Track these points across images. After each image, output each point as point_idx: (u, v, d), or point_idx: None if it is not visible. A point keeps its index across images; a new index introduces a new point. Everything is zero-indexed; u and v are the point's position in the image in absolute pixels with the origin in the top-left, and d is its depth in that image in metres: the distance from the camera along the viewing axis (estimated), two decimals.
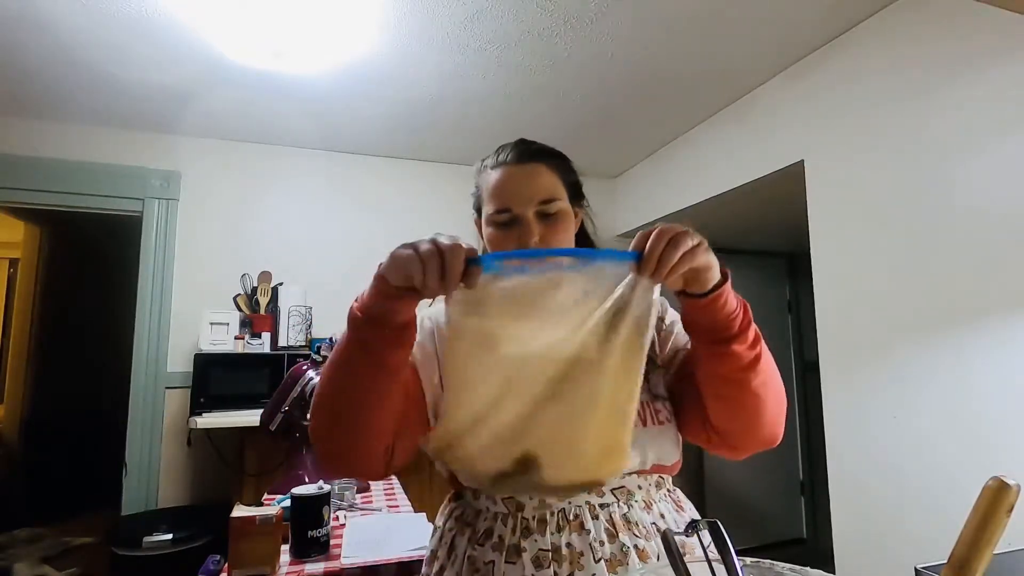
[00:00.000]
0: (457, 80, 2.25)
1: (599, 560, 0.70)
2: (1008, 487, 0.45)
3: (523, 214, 0.80)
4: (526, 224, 0.79)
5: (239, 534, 1.01)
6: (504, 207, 0.80)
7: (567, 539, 0.71)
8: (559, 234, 0.81)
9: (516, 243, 0.80)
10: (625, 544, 0.71)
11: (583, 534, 0.72)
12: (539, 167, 0.82)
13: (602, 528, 0.72)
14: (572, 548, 0.71)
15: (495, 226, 0.82)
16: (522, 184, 0.81)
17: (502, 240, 0.81)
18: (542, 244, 0.80)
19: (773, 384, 0.72)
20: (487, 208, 0.83)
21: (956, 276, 1.56)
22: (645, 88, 2.34)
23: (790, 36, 1.97)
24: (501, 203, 0.81)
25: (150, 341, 2.64)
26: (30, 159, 2.57)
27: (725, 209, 2.79)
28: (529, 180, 0.81)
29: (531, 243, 0.79)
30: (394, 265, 0.62)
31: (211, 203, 2.82)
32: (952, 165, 1.58)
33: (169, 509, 2.53)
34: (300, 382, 1.64)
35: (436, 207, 3.20)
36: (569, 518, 0.73)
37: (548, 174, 0.83)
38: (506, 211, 0.80)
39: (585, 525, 0.72)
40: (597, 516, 0.73)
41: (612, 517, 0.73)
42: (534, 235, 0.79)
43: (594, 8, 1.80)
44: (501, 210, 0.81)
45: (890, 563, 1.69)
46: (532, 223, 0.79)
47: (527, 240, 0.79)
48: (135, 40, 1.94)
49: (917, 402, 1.64)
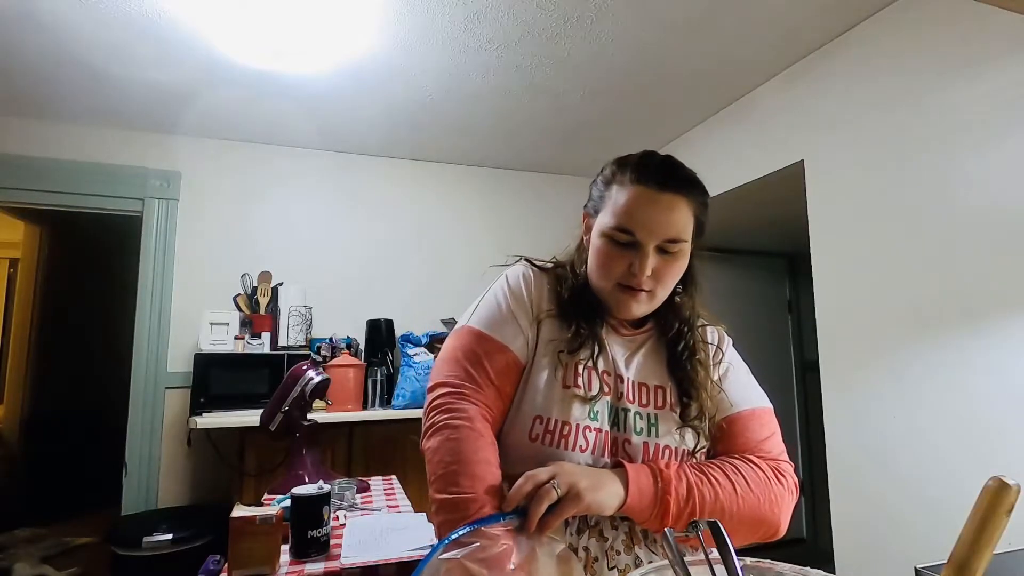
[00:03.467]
0: (457, 80, 2.25)
1: (612, 568, 0.72)
2: (1008, 487, 0.45)
3: (645, 244, 0.76)
4: (643, 255, 0.76)
5: (239, 534, 1.01)
6: (629, 229, 0.76)
7: (585, 543, 0.73)
8: (671, 274, 0.79)
9: (626, 269, 0.77)
10: (640, 557, 0.73)
11: (601, 541, 0.73)
12: (679, 201, 0.77)
13: (620, 538, 0.73)
14: (589, 552, 0.72)
15: (611, 242, 0.78)
16: (657, 214, 0.76)
17: (612, 259, 0.78)
18: (654, 278, 0.77)
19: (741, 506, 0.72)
20: (608, 220, 0.78)
21: (956, 276, 1.55)
22: (645, 88, 2.34)
23: (790, 36, 1.97)
24: (627, 223, 0.76)
25: (150, 341, 2.64)
26: (30, 159, 2.57)
27: (725, 209, 2.78)
28: (665, 214, 0.76)
29: (643, 276, 0.76)
30: None
31: (211, 203, 2.82)
32: (952, 165, 1.58)
33: (169, 509, 2.53)
34: (300, 382, 1.63)
35: (436, 207, 3.20)
36: (590, 523, 0.74)
37: (685, 211, 0.78)
38: (629, 233, 0.76)
39: (604, 533, 0.73)
40: (616, 527, 0.74)
41: (632, 529, 0.74)
42: (648, 269, 0.76)
43: (594, 8, 1.80)
44: (624, 229, 0.77)
45: (890, 563, 1.69)
46: (651, 256, 0.76)
47: (640, 273, 0.76)
48: (135, 40, 1.94)
49: (917, 402, 1.64)
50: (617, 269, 0.77)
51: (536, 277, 0.86)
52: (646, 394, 0.80)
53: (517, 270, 0.87)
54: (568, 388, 0.77)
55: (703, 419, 0.78)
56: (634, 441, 0.76)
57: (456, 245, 3.20)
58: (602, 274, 0.80)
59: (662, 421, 0.78)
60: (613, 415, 0.78)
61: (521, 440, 0.76)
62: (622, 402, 0.79)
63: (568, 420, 0.75)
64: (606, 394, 0.78)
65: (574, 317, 0.81)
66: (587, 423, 0.75)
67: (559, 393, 0.77)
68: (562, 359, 0.78)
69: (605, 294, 0.81)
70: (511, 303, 0.82)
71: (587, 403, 0.76)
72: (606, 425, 0.77)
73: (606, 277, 0.79)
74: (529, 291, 0.84)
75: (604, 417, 0.77)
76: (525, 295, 0.83)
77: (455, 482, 0.67)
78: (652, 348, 0.84)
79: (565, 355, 0.78)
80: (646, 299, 0.79)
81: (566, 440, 0.74)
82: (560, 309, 0.83)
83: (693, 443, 0.78)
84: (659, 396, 0.80)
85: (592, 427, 0.76)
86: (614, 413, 0.78)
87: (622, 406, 0.78)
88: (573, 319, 0.81)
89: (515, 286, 0.84)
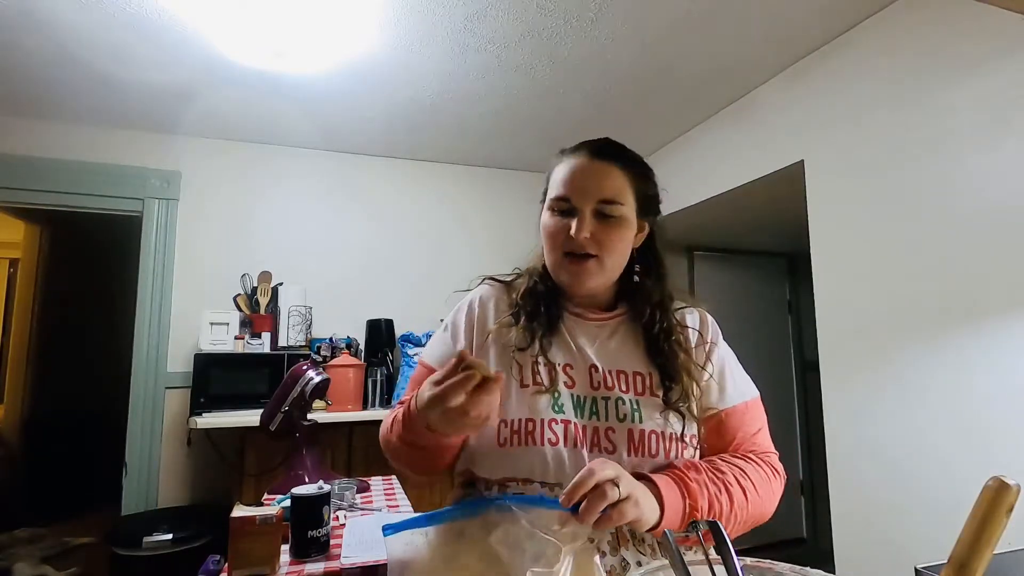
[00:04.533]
0: (457, 80, 2.25)
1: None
2: (1008, 487, 0.45)
3: (581, 207, 0.79)
4: (581, 218, 0.79)
5: (239, 534, 1.01)
6: (565, 195, 0.81)
7: None
8: (612, 239, 0.80)
9: (566, 234, 0.79)
10: (626, 559, 0.72)
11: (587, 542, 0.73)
12: (611, 168, 0.81)
13: (606, 539, 0.73)
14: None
15: (553, 214, 0.82)
16: (589, 178, 0.80)
17: (555, 227, 0.81)
18: (594, 243, 0.79)
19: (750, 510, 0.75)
20: (551, 193, 0.84)
21: (956, 276, 1.55)
22: (645, 88, 2.34)
23: (790, 36, 1.97)
24: (563, 191, 0.81)
25: (150, 341, 2.64)
26: (30, 159, 2.57)
27: (725, 209, 2.79)
28: (597, 176, 0.81)
29: (581, 237, 0.78)
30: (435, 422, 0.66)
31: (211, 203, 2.82)
32: (952, 165, 1.58)
33: (169, 509, 2.53)
34: (300, 382, 1.63)
35: (436, 207, 3.20)
36: None
37: (619, 177, 0.81)
38: (566, 200, 0.81)
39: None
40: None
41: (620, 530, 0.74)
42: (585, 230, 0.78)
43: (594, 8, 1.80)
44: (561, 198, 0.81)
45: (890, 563, 1.68)
46: (587, 218, 0.79)
47: (578, 234, 0.78)
48: (135, 40, 1.94)
49: (917, 402, 1.64)
50: (560, 237, 0.80)
51: (493, 294, 0.89)
52: (625, 381, 0.80)
53: (470, 296, 0.91)
54: (527, 386, 0.78)
55: (687, 401, 0.79)
56: (618, 429, 0.76)
57: (456, 245, 3.20)
58: (549, 247, 0.83)
59: (644, 406, 0.78)
60: (590, 405, 0.78)
61: (491, 447, 0.77)
62: (600, 391, 0.79)
63: (532, 417, 0.76)
64: (569, 387, 0.79)
65: (527, 315, 0.83)
66: (552, 416, 0.76)
67: (518, 393, 0.78)
68: (517, 359, 0.80)
69: (557, 271, 0.83)
70: (451, 331, 0.88)
71: (550, 396, 0.77)
72: (576, 417, 0.77)
73: (552, 249, 0.82)
74: (471, 316, 0.87)
75: (571, 409, 0.77)
76: (464, 323, 0.87)
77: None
78: (627, 334, 0.85)
79: (518, 354, 0.80)
80: (595, 267, 0.80)
81: (532, 436, 0.75)
82: (512, 314, 0.85)
83: (680, 427, 0.78)
84: (639, 382, 0.80)
85: (559, 419, 0.76)
86: (591, 403, 0.78)
87: (600, 395, 0.78)
88: (525, 317, 0.83)
89: (456, 315, 0.89)
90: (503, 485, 0.76)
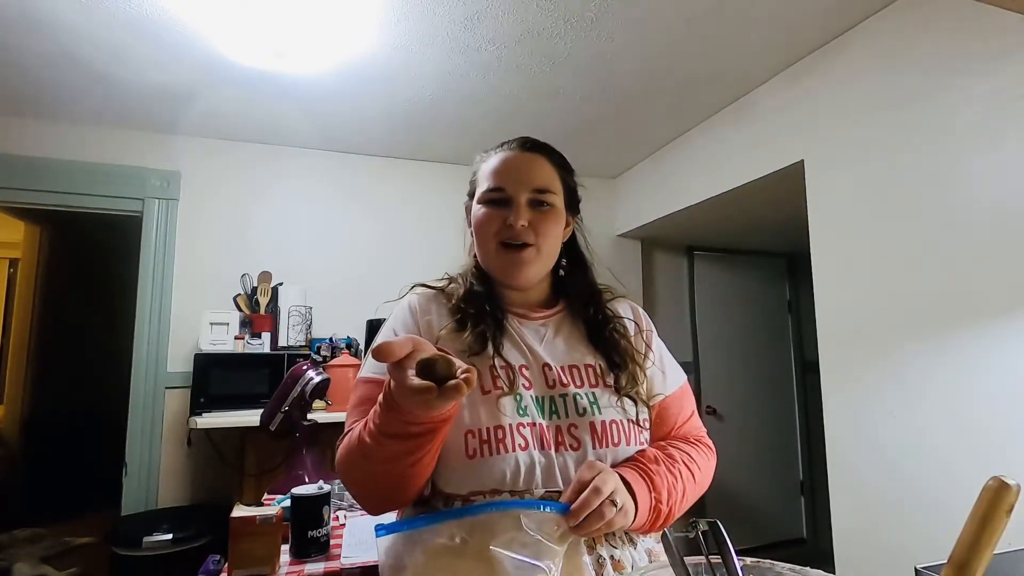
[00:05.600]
0: (457, 80, 2.25)
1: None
2: (1008, 487, 0.45)
3: (516, 196, 0.80)
4: (517, 207, 0.80)
5: (239, 534, 1.01)
6: (499, 186, 0.81)
7: None
8: (547, 227, 0.81)
9: (502, 224, 0.80)
10: (602, 555, 0.72)
11: None
12: (541, 159, 0.84)
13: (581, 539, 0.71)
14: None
15: (486, 204, 0.82)
16: (521, 168, 0.82)
17: (489, 218, 0.81)
18: (530, 231, 0.80)
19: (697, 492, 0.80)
20: (481, 187, 0.84)
21: (956, 276, 1.55)
22: (645, 88, 2.34)
23: (790, 36, 1.97)
24: (496, 182, 0.81)
25: (150, 341, 2.64)
26: (30, 159, 2.57)
27: (725, 209, 2.79)
28: (529, 166, 0.82)
29: (518, 225, 0.78)
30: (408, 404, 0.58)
31: (211, 203, 2.82)
32: (952, 165, 1.58)
33: (169, 509, 2.52)
34: (300, 382, 1.64)
35: (436, 207, 3.20)
36: None
37: (549, 168, 0.84)
38: (500, 190, 0.81)
39: None
40: None
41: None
42: (523, 218, 0.79)
43: (594, 8, 1.80)
44: (495, 188, 0.81)
45: (890, 563, 1.68)
46: (523, 207, 0.80)
47: (516, 222, 0.78)
48: (135, 40, 1.94)
49: (917, 402, 1.64)
50: (494, 226, 0.80)
51: (429, 300, 0.86)
52: (578, 375, 0.80)
53: (405, 303, 0.87)
54: (489, 392, 0.75)
55: (635, 385, 0.81)
56: (579, 424, 0.76)
57: (456, 245, 3.19)
58: (483, 239, 0.83)
59: (599, 397, 0.79)
60: (549, 405, 0.77)
61: (460, 461, 0.72)
62: (556, 388, 0.78)
63: (500, 423, 0.73)
64: (528, 388, 0.77)
65: (471, 319, 0.80)
66: (519, 420, 0.74)
67: (481, 400, 0.74)
68: (475, 363, 0.74)
69: (493, 264, 0.83)
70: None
71: (513, 399, 0.75)
72: (539, 418, 0.75)
73: (486, 240, 0.82)
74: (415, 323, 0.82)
75: (534, 410, 0.76)
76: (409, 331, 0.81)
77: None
78: (571, 329, 0.86)
79: (474, 359, 0.76)
80: (533, 255, 0.81)
81: (503, 444, 0.72)
82: (456, 320, 0.81)
83: (634, 411, 0.79)
84: (591, 374, 0.81)
85: (525, 423, 0.74)
86: (549, 403, 0.77)
87: (557, 392, 0.78)
88: (470, 321, 0.80)
89: (394, 323, 0.84)
90: (467, 500, 0.71)
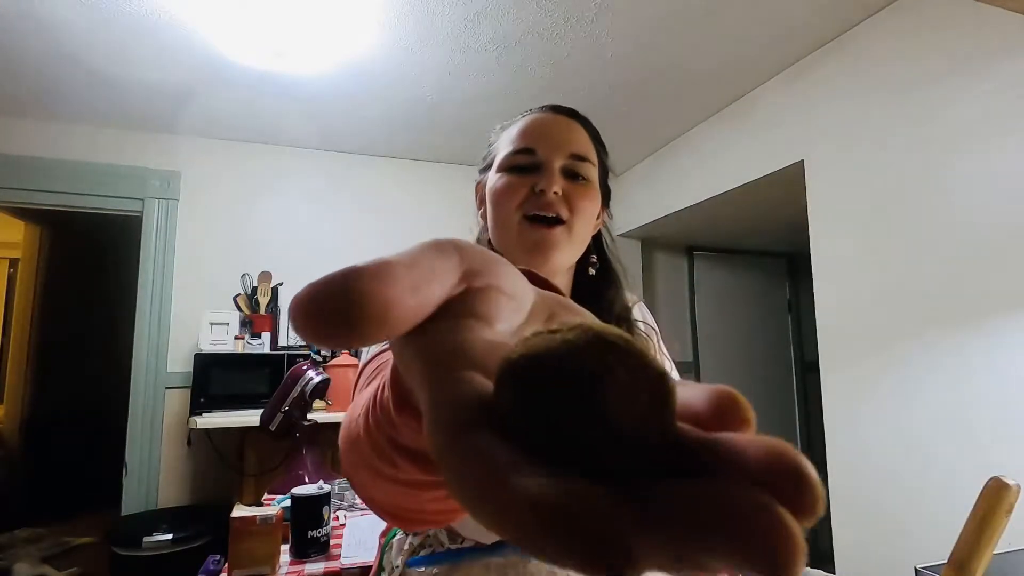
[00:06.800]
0: (457, 80, 2.25)
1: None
2: (1008, 487, 0.45)
3: (549, 159, 0.65)
4: (549, 172, 0.64)
5: (239, 534, 1.01)
6: (529, 147, 0.65)
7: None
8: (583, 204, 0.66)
9: (528, 193, 0.64)
10: None
11: None
12: (578, 126, 0.70)
13: None
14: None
15: (508, 170, 0.66)
16: (557, 130, 0.67)
17: (511, 187, 0.65)
18: (564, 205, 0.64)
19: None
20: (505, 151, 0.67)
21: (956, 276, 1.55)
22: (645, 88, 2.34)
23: (790, 36, 1.97)
24: (526, 143, 0.66)
25: (150, 341, 2.64)
26: (30, 159, 2.57)
27: (725, 209, 2.79)
28: (565, 129, 0.68)
29: (551, 192, 0.63)
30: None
31: (211, 203, 2.82)
32: (952, 165, 1.58)
33: (169, 509, 2.53)
34: (300, 382, 1.64)
35: (436, 207, 3.20)
36: None
37: (585, 135, 0.69)
38: (529, 152, 0.65)
39: None
40: None
41: None
42: (555, 186, 0.63)
43: (594, 8, 1.80)
44: (524, 150, 0.65)
45: (890, 563, 1.69)
46: (556, 173, 0.64)
47: (548, 188, 0.63)
48: (135, 40, 1.94)
49: (917, 402, 1.64)
50: (519, 195, 0.64)
51: None
52: None
53: None
54: None
55: None
56: None
57: None
58: (503, 213, 0.66)
59: None
60: None
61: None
62: None
63: None
64: None
65: None
66: None
67: None
68: None
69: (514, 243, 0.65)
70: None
71: None
72: None
73: (508, 212, 0.65)
74: None
75: None
76: None
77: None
78: None
79: None
80: (563, 236, 0.64)
81: None
82: None
83: None
84: None
85: None
86: None
87: None
88: None
89: None
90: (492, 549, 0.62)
